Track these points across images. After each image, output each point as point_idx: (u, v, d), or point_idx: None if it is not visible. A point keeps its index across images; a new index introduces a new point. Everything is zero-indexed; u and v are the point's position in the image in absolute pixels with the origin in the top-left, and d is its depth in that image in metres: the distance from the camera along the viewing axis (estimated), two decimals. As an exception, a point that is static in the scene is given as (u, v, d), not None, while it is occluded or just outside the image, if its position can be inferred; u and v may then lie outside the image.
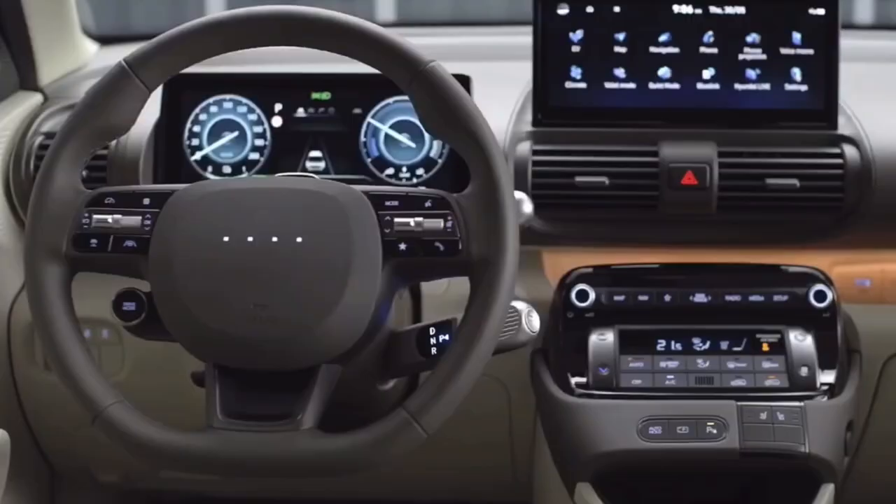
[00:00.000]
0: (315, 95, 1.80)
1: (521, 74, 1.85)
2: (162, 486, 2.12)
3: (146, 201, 1.32)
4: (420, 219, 1.29)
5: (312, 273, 1.26)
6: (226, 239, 1.27)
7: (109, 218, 1.31)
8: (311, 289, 1.26)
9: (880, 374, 1.81)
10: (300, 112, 1.81)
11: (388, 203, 1.30)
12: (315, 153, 1.80)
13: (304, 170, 1.79)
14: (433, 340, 1.43)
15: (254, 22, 1.32)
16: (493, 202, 1.28)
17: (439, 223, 1.29)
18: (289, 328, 1.25)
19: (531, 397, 1.79)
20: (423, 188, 1.35)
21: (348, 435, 1.26)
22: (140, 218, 1.31)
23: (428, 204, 1.30)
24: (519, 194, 1.46)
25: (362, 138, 1.80)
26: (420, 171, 1.80)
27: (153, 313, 1.33)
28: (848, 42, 2.08)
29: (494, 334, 1.28)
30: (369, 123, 1.80)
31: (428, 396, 1.26)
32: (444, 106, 1.29)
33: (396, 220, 1.29)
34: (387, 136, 1.80)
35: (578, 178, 1.73)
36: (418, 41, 2.07)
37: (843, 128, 1.77)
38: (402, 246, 1.29)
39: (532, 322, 1.42)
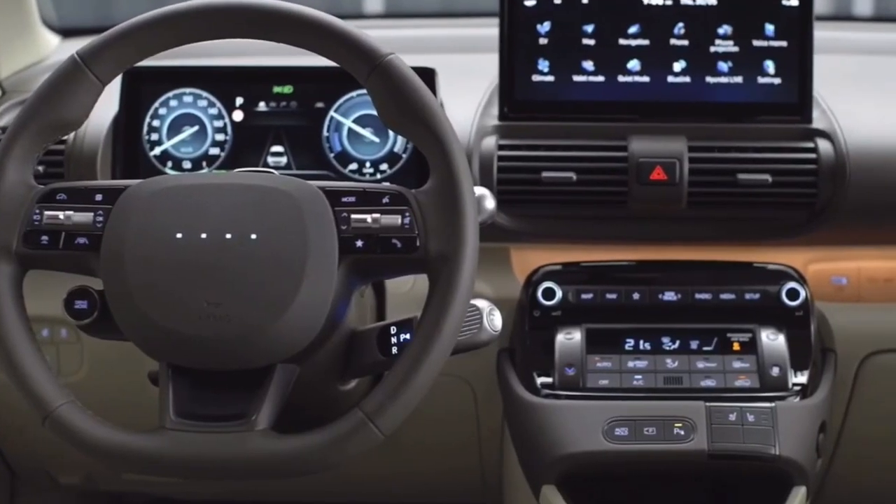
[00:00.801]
0: (277, 89, 1.79)
1: (489, 67, 1.84)
2: (124, 488, 2.11)
3: (98, 197, 1.31)
4: (377, 215, 1.29)
5: (267, 270, 1.25)
6: (178, 236, 1.26)
7: (61, 214, 1.31)
8: (265, 286, 1.25)
9: (856, 374, 1.80)
10: (261, 106, 1.80)
11: (344, 199, 1.30)
12: (277, 148, 1.79)
13: (266, 165, 1.78)
14: (394, 339, 1.43)
15: (208, 15, 1.32)
16: (451, 198, 1.28)
17: (397, 219, 1.29)
18: (242, 327, 1.25)
19: (498, 397, 1.78)
20: (381, 184, 1.35)
21: (302, 436, 1.26)
22: (92, 214, 1.30)
23: (385, 200, 1.30)
24: (481, 190, 1.45)
25: (325, 133, 1.79)
26: (384, 167, 1.79)
27: (106, 312, 1.32)
28: (842, 34, 2.09)
29: (453, 333, 1.28)
30: (332, 118, 1.79)
31: (384, 397, 1.26)
32: (401, 99, 1.29)
33: (353, 216, 1.29)
34: (350, 130, 1.79)
35: (545, 174, 1.72)
36: (389, 33, 2.09)
37: (818, 121, 1.76)
38: (359, 243, 1.29)
39: (494, 321, 1.41)
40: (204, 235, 1.26)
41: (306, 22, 1.31)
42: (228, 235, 1.26)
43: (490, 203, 1.49)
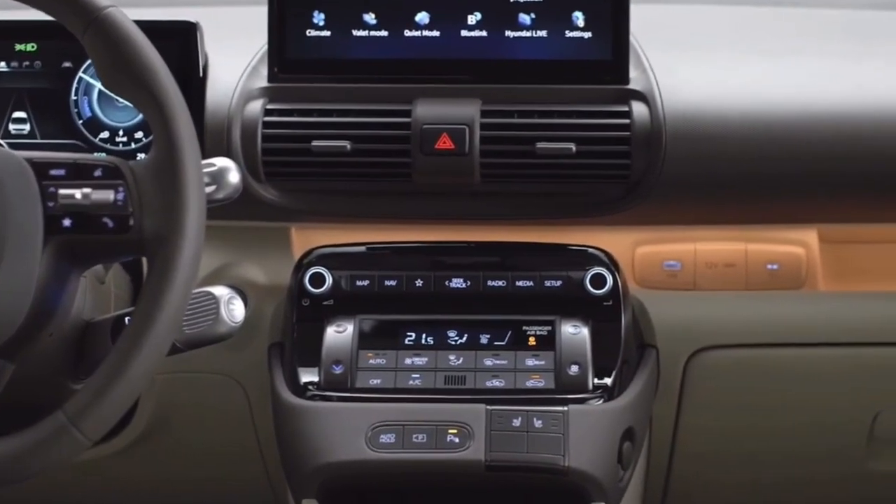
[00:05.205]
0: (19, 47, 1.69)
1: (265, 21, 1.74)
2: None
3: None
4: (88, 190, 1.24)
5: None
6: None
7: None
8: None
9: (683, 374, 1.69)
10: (2, 66, 1.69)
11: (53, 172, 1.25)
12: (19, 114, 1.69)
13: (7, 133, 1.69)
14: None
15: None
16: (172, 171, 1.22)
17: (109, 195, 1.23)
18: None
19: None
20: (96, 155, 1.30)
21: None
22: None
23: (98, 173, 1.24)
24: (224, 161, 1.38)
25: (73, 97, 1.69)
26: (139, 135, 1.69)
27: None
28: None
29: (169, 325, 1.21)
30: (81, 79, 1.69)
31: (88, 398, 1.20)
32: (120, 58, 1.24)
33: (61, 191, 1.24)
34: (101, 93, 1.69)
35: (315, 143, 1.60)
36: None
37: (636, 82, 1.63)
38: (67, 221, 1.23)
39: (233, 311, 1.38)
40: None
41: None
42: None
43: (234, 177, 1.42)
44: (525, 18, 1.64)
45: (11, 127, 1.69)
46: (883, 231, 1.73)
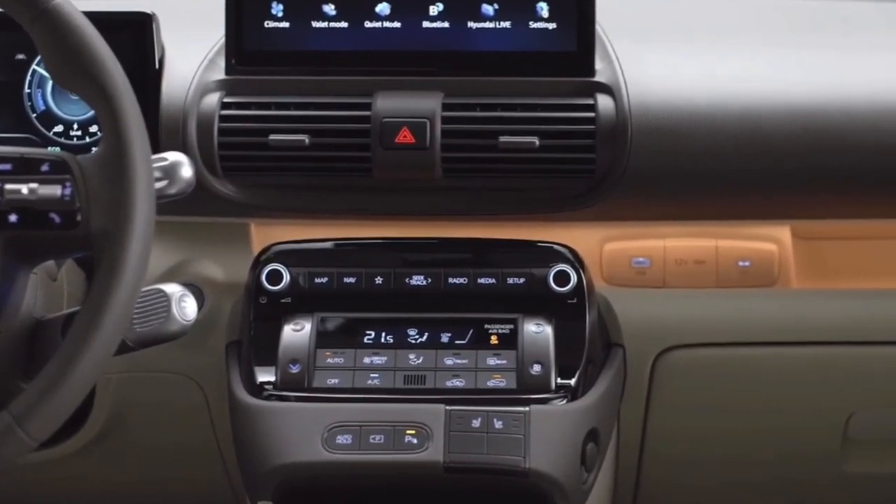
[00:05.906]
0: (-30, 38, 1.67)
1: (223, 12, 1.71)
2: None
3: None
4: (35, 185, 1.21)
5: None
6: None
7: None
8: None
9: (651, 374, 1.66)
10: (-47, 58, 1.68)
11: None
12: None
13: None
14: None
15: None
16: (120, 165, 1.20)
17: (56, 190, 1.21)
18: None
19: (231, 398, 1.67)
20: (45, 149, 1.28)
21: None
22: None
23: (45, 168, 1.22)
24: (176, 155, 1.36)
25: (27, 89, 1.67)
26: (94, 129, 1.66)
27: None
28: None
29: (116, 324, 1.19)
30: (35, 71, 1.67)
31: (34, 398, 1.17)
32: (68, 51, 1.22)
33: (7, 186, 1.21)
34: (55, 86, 1.66)
35: (273, 137, 1.57)
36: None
37: (601, 74, 1.60)
38: (13, 217, 1.21)
39: (185, 309, 1.35)
40: None
41: None
42: None
43: (187, 171, 1.40)
44: (488, 9, 1.61)
45: None
46: (858, 227, 1.70)
